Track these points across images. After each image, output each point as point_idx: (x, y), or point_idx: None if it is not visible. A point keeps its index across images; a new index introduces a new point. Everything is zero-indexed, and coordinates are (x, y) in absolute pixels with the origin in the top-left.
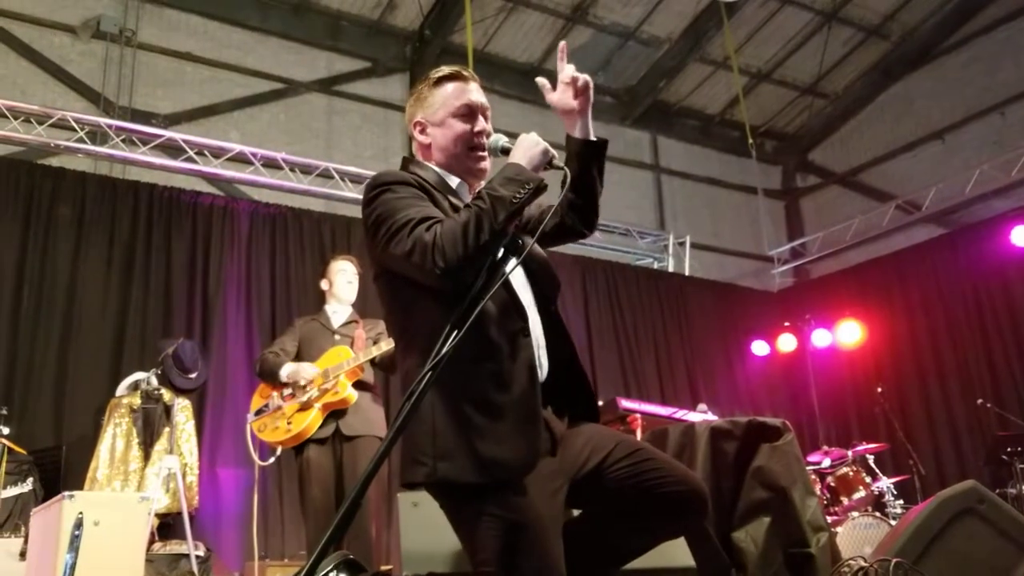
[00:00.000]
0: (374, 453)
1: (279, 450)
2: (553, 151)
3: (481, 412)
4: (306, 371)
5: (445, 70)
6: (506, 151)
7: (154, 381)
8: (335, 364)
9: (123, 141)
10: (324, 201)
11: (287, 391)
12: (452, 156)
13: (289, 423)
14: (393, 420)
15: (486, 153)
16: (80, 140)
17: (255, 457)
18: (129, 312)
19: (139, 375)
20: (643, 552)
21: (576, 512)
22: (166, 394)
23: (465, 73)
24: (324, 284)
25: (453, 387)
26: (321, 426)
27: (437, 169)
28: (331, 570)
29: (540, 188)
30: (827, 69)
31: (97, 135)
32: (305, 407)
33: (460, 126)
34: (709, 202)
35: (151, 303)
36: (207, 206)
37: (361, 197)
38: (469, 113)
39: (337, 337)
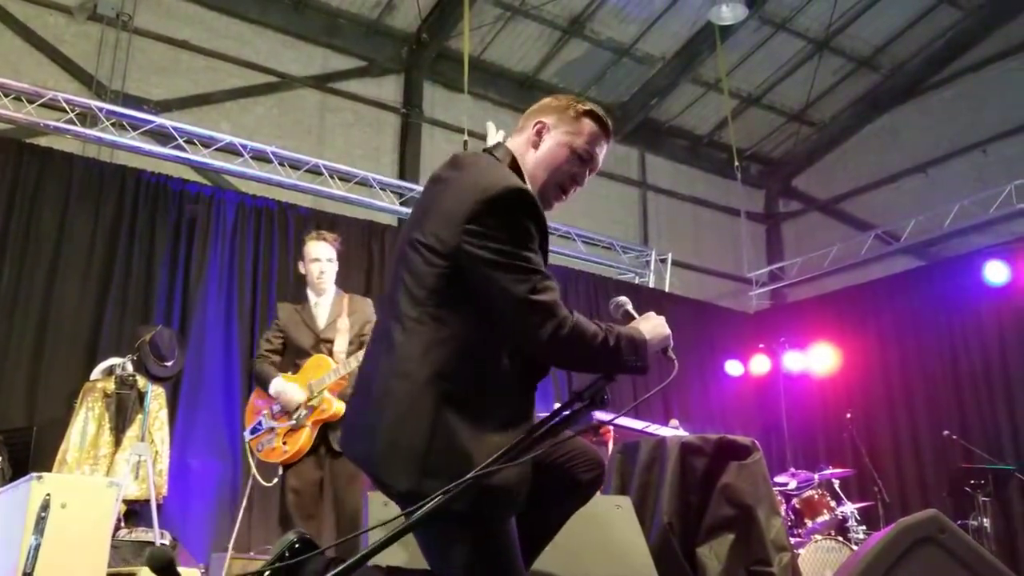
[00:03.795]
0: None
1: (280, 469)
2: (671, 341)
3: (486, 440)
4: (292, 398)
5: (599, 112)
6: (628, 316)
7: (129, 367)
8: (318, 378)
9: (113, 125)
10: (312, 197)
11: (276, 408)
12: (542, 176)
13: (284, 443)
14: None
15: (562, 200)
16: (70, 121)
17: (259, 478)
18: (109, 297)
19: (115, 360)
20: (560, 526)
21: None
22: (141, 381)
23: (610, 128)
24: (300, 268)
25: (467, 410)
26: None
27: (530, 187)
28: (286, 549)
29: (644, 369)
30: (816, 97)
31: (87, 117)
32: (297, 428)
33: (568, 162)
34: (693, 221)
35: (131, 289)
36: (193, 195)
37: (349, 195)
38: (585, 159)
39: (321, 345)
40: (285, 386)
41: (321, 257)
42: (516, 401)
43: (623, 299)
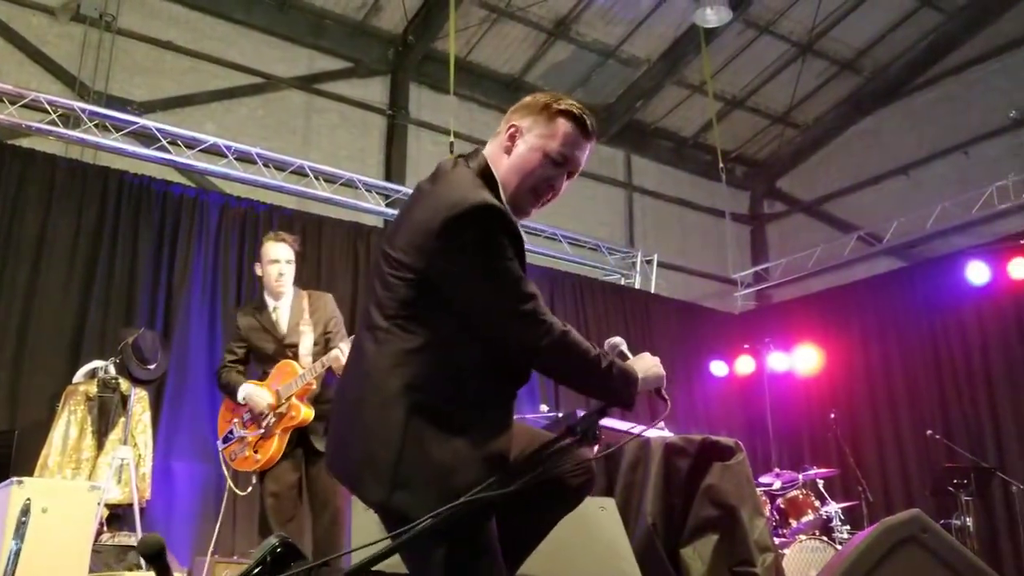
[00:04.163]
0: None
1: (254, 478)
2: (664, 381)
3: (460, 451)
4: (259, 401)
5: (576, 109)
6: (623, 356)
7: (112, 370)
8: (284, 384)
9: (96, 126)
10: (296, 199)
11: (247, 416)
12: (514, 182)
13: (256, 452)
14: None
15: (540, 204)
16: (52, 123)
17: (235, 489)
18: (91, 299)
19: (97, 363)
20: (548, 530)
21: None
22: (124, 384)
23: (590, 127)
24: (257, 270)
25: (440, 420)
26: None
27: (503, 194)
28: (268, 553)
29: (631, 404)
30: (799, 99)
31: (70, 119)
32: (267, 436)
33: (542, 166)
34: (678, 222)
35: (114, 291)
36: (177, 197)
37: (335, 197)
38: (560, 163)
39: (286, 351)
40: (252, 390)
41: (280, 258)
42: (493, 411)
43: (618, 340)
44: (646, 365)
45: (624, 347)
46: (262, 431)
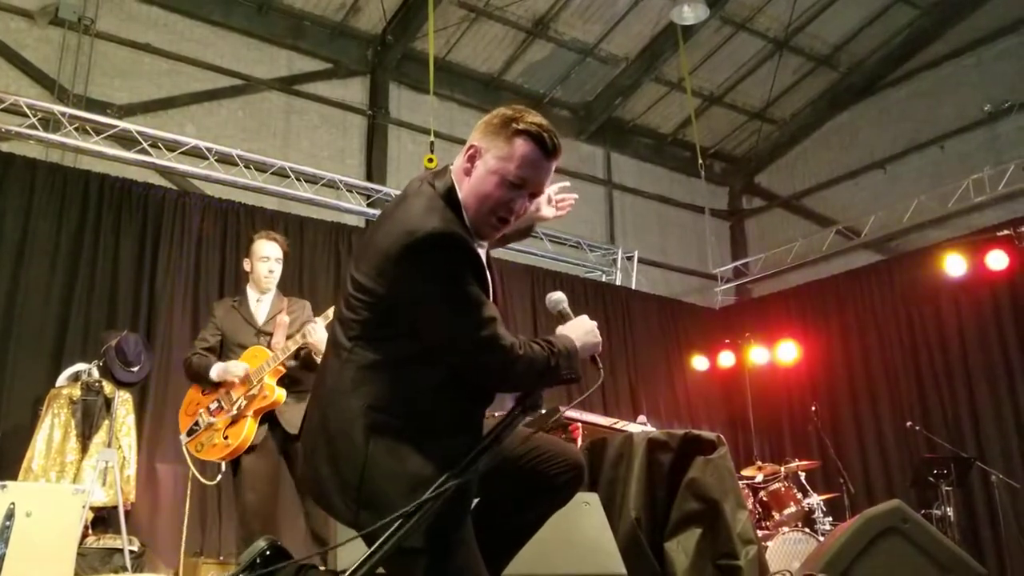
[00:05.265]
0: None
1: (223, 465)
2: (600, 348)
3: (421, 471)
4: (234, 369)
5: (536, 127)
6: (564, 316)
7: (95, 373)
8: (256, 367)
9: (76, 130)
10: (278, 200)
11: (213, 405)
12: (474, 206)
13: (226, 437)
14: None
15: (503, 228)
16: (32, 127)
17: (200, 479)
18: (73, 302)
19: (80, 366)
20: (537, 528)
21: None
22: (107, 386)
23: (551, 146)
24: (246, 265)
25: (400, 440)
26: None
27: (466, 216)
28: (257, 556)
29: (577, 380)
30: (777, 95)
31: (50, 122)
32: (238, 419)
33: (499, 190)
34: (658, 219)
35: (96, 294)
36: (158, 199)
37: (316, 197)
38: (519, 185)
39: (259, 338)
40: (226, 364)
41: (271, 256)
42: (459, 427)
43: (559, 297)
44: (583, 332)
45: (565, 304)
46: (233, 413)
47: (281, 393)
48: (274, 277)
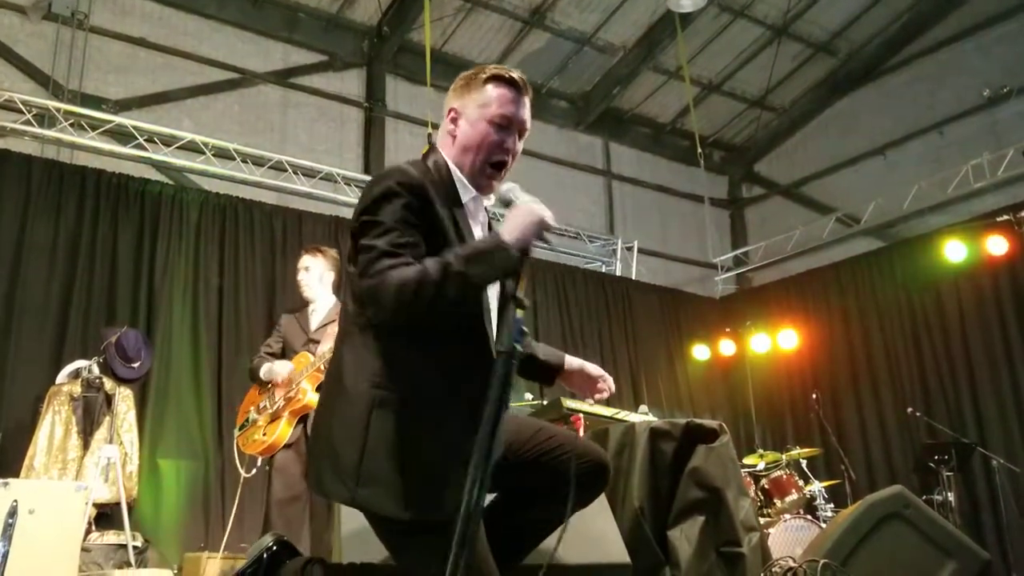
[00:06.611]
0: None
1: (259, 460)
2: (551, 222)
3: (423, 449)
4: (279, 369)
5: (501, 71)
6: (509, 204)
7: (96, 369)
8: (298, 371)
9: (71, 125)
10: (276, 194)
11: (262, 404)
12: (468, 159)
13: (264, 434)
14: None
15: (501, 173)
16: (27, 123)
17: (241, 471)
18: (73, 299)
19: (81, 363)
20: (556, 526)
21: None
22: (108, 383)
23: (520, 82)
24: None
25: (401, 417)
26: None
27: (454, 169)
28: (266, 551)
29: (509, 273)
30: (775, 83)
31: (45, 118)
32: (275, 417)
33: (489, 135)
34: (658, 208)
35: (95, 290)
36: (156, 194)
37: (314, 191)
38: (505, 125)
39: (308, 345)
40: (274, 363)
41: (300, 267)
42: (460, 401)
43: (509, 185)
44: (517, 218)
45: (516, 192)
46: (271, 412)
47: (313, 398)
48: (303, 286)
